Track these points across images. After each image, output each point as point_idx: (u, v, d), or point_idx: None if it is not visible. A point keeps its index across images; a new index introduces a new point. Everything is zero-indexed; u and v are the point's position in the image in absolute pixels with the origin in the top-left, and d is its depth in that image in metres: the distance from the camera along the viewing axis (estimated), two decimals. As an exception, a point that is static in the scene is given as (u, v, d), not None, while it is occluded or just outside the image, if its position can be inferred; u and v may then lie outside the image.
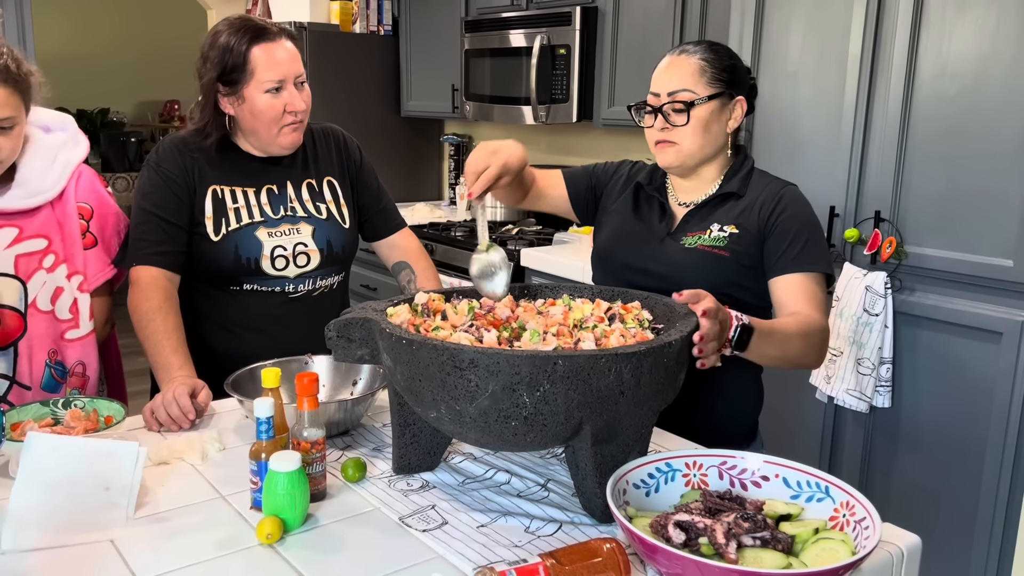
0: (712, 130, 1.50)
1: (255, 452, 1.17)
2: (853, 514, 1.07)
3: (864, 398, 2.25)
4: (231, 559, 1.06)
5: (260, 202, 1.73)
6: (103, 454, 1.13)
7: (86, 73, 6.89)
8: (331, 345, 1.25)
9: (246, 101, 1.66)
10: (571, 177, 1.72)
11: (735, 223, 1.51)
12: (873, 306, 2.21)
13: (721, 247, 1.49)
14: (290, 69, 1.66)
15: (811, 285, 1.45)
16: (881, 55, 2.21)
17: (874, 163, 2.25)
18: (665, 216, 1.59)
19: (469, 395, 1.08)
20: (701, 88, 1.48)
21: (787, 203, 1.50)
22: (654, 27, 3.05)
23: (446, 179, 4.66)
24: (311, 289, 1.76)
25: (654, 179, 1.64)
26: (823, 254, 1.48)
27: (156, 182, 1.69)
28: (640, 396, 1.12)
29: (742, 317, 1.27)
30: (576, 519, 1.17)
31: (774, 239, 1.48)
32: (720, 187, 1.55)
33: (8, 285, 1.52)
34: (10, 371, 1.53)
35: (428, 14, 4.14)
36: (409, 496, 1.24)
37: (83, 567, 1.03)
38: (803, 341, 1.38)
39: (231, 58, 1.63)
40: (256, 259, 1.69)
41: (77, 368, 1.62)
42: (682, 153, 1.51)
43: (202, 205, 1.69)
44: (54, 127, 1.62)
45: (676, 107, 1.48)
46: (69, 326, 1.60)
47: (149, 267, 1.64)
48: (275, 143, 1.71)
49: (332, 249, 1.78)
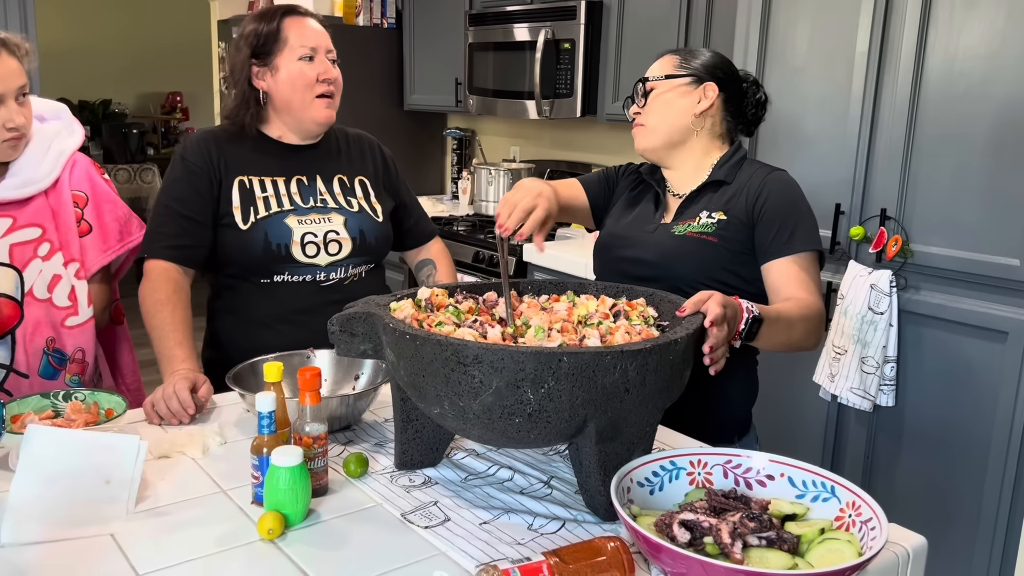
0: (674, 108, 1.55)
1: (256, 447, 1.16)
2: (859, 514, 1.06)
3: (868, 397, 2.24)
4: (232, 554, 1.05)
5: (289, 191, 1.72)
6: (104, 447, 1.13)
7: (89, 65, 6.87)
8: (334, 339, 1.24)
9: (280, 70, 1.68)
10: (588, 184, 1.73)
11: (723, 209, 1.53)
12: (878, 304, 2.20)
13: (709, 233, 1.51)
14: (321, 41, 1.70)
15: (803, 267, 1.48)
16: (889, 52, 2.19)
17: (880, 160, 2.23)
18: (659, 207, 1.62)
19: (473, 391, 1.07)
20: (660, 72, 1.58)
21: (773, 188, 1.52)
22: (659, 22, 3.03)
23: (448, 173, 4.64)
24: (343, 277, 1.75)
25: (655, 172, 1.68)
26: (812, 235, 1.50)
27: (179, 174, 1.69)
28: (645, 394, 1.11)
29: (752, 309, 1.27)
30: (579, 517, 1.16)
31: (763, 225, 1.50)
32: (710, 176, 1.58)
33: (3, 274, 1.52)
34: (7, 360, 1.53)
35: (432, 7, 4.12)
36: (411, 492, 1.23)
37: (83, 561, 1.02)
38: (804, 325, 1.41)
39: (264, 31, 1.68)
40: (286, 245, 1.68)
41: (77, 355, 1.62)
42: (646, 132, 1.58)
43: (229, 195, 1.68)
44: (49, 116, 1.63)
45: (640, 90, 1.59)
46: (68, 313, 1.60)
47: (160, 260, 1.65)
48: (308, 116, 1.71)
49: (365, 239, 1.77)
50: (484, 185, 3.80)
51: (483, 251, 3.39)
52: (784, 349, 1.42)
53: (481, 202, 3.83)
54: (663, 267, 1.52)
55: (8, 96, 1.47)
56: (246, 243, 1.67)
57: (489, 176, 3.78)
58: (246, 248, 1.67)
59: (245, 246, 1.67)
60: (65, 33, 6.64)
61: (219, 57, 4.64)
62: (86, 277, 1.62)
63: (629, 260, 1.59)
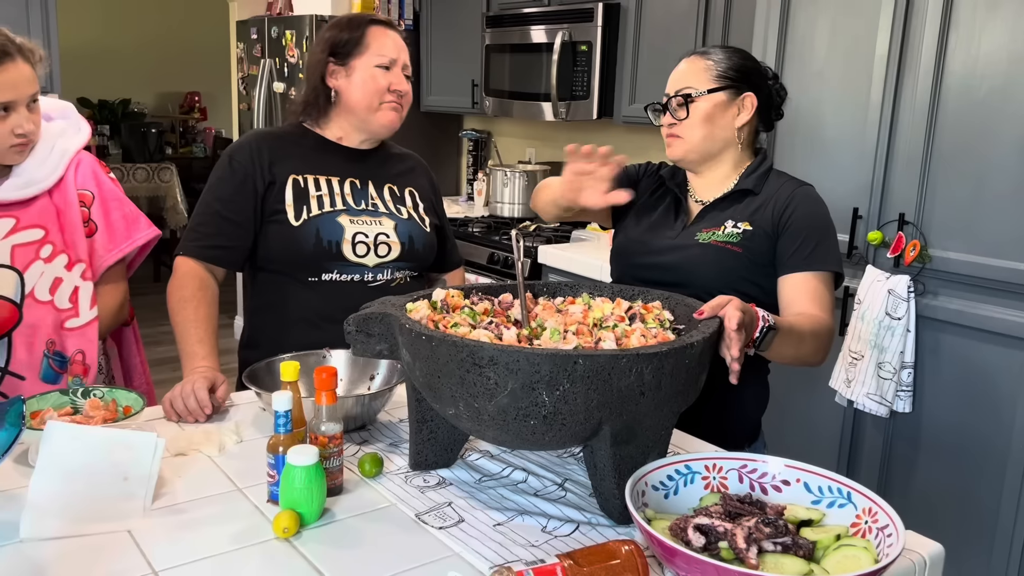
0: (716, 123, 1.54)
1: (273, 445, 1.16)
2: (876, 521, 1.05)
3: (884, 403, 2.23)
4: (248, 552, 1.06)
5: (343, 191, 1.74)
6: (122, 444, 1.14)
7: (108, 64, 6.93)
8: (350, 339, 1.25)
9: (355, 72, 1.71)
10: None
11: (749, 220, 1.53)
12: (896, 310, 2.18)
13: (734, 243, 1.51)
14: (401, 55, 1.74)
15: (819, 285, 1.48)
16: (908, 55, 2.17)
17: (899, 165, 2.22)
18: (680, 213, 1.62)
19: (488, 393, 1.08)
20: (702, 83, 1.54)
21: (800, 202, 1.52)
22: (677, 25, 3.03)
23: (464, 174, 4.65)
24: (389, 279, 1.75)
25: (676, 176, 1.67)
26: (833, 254, 1.51)
27: (224, 173, 1.71)
28: (661, 397, 1.11)
29: (768, 318, 1.27)
30: (593, 520, 1.16)
31: (786, 237, 1.50)
32: (737, 184, 1.57)
33: (3, 276, 1.51)
34: (3, 362, 1.52)
35: (449, 9, 4.13)
36: (426, 493, 1.23)
37: (101, 557, 1.03)
38: (814, 341, 1.41)
39: (348, 32, 1.72)
40: (337, 242, 1.69)
41: (77, 356, 1.61)
42: (686, 146, 1.56)
43: (282, 195, 1.70)
44: (55, 115, 1.63)
45: (678, 102, 1.55)
46: (69, 315, 1.59)
47: (190, 258, 1.67)
48: (373, 120, 1.73)
49: (414, 245, 1.78)
50: (500, 187, 3.80)
51: (498, 252, 3.39)
52: (790, 362, 1.42)
53: (496, 203, 3.84)
54: (685, 274, 1.52)
55: (19, 103, 1.47)
56: (298, 239, 1.68)
57: (505, 177, 3.78)
58: (297, 243, 1.68)
59: (296, 241, 1.68)
60: (86, 33, 6.71)
61: (237, 58, 4.67)
62: (94, 278, 1.62)
63: (650, 266, 1.58)
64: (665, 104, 1.57)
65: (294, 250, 1.68)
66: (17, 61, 1.45)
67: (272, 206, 1.70)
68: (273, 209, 1.69)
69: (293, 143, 1.76)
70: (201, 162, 6.86)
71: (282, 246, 1.69)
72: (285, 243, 1.69)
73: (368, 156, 1.80)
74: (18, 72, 1.45)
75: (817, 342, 1.42)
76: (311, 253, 1.68)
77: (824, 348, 1.45)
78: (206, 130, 7.16)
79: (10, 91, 1.43)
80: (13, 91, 1.44)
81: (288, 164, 1.72)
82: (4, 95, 1.43)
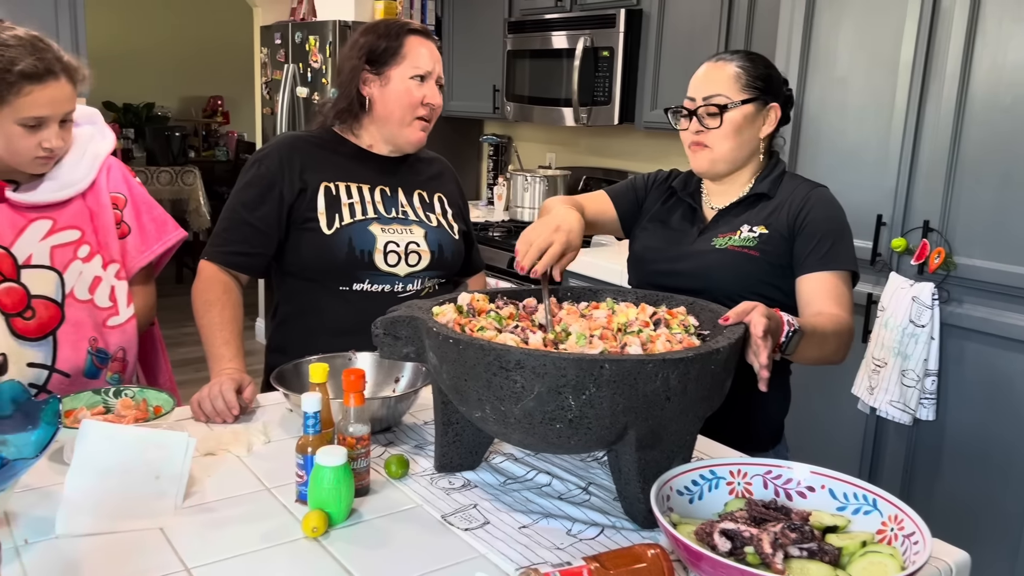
0: (744, 134, 1.54)
1: (301, 446, 1.18)
2: (902, 528, 1.05)
3: (908, 410, 2.22)
4: (277, 551, 1.07)
5: (374, 199, 1.75)
6: (154, 443, 1.16)
7: (134, 68, 7.01)
8: (377, 342, 1.26)
9: (390, 82, 1.71)
10: (616, 196, 1.72)
11: (765, 223, 1.53)
12: (919, 317, 2.17)
13: (751, 247, 1.52)
14: (436, 67, 1.75)
15: (838, 283, 1.48)
16: (934, 62, 2.17)
17: (924, 171, 2.21)
18: (696, 220, 1.62)
19: (515, 396, 1.09)
20: (735, 93, 1.52)
21: (816, 203, 1.52)
22: (699, 30, 3.03)
23: (484, 179, 4.67)
24: (418, 289, 1.77)
25: (688, 185, 1.67)
26: (850, 254, 1.51)
27: (251, 178, 1.72)
28: (686, 402, 1.11)
29: (793, 322, 1.27)
30: (618, 523, 1.17)
31: (803, 238, 1.50)
32: (751, 189, 1.58)
33: (44, 276, 1.55)
34: (49, 360, 1.56)
35: (471, 14, 4.15)
36: (451, 494, 1.24)
37: (134, 553, 1.05)
38: (836, 340, 1.41)
39: (386, 41, 1.71)
40: (370, 252, 1.70)
41: (118, 353, 1.65)
42: (714, 156, 1.55)
43: (314, 202, 1.70)
44: (82, 121, 1.65)
45: (710, 111, 1.52)
46: (109, 313, 1.63)
47: (214, 264, 1.69)
48: (401, 135, 1.75)
49: (443, 253, 1.79)
50: (520, 191, 3.82)
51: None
52: (814, 363, 1.42)
53: (517, 208, 3.85)
54: (703, 279, 1.52)
55: (52, 120, 1.47)
56: (330, 247, 1.69)
57: (525, 182, 3.79)
58: (330, 252, 1.69)
59: (329, 250, 1.69)
60: (112, 37, 6.79)
61: (261, 63, 4.72)
62: (127, 278, 1.66)
63: (668, 273, 1.58)
64: (693, 111, 1.55)
65: (327, 259, 1.69)
66: (60, 80, 1.46)
67: (303, 213, 1.70)
68: (304, 217, 1.70)
69: (324, 149, 1.77)
70: (223, 165, 6.93)
71: (314, 254, 1.70)
72: (318, 251, 1.70)
73: (397, 163, 1.81)
74: (59, 90, 1.47)
75: (839, 341, 1.42)
76: (344, 262, 1.69)
77: (846, 346, 1.45)
78: (228, 134, 7.23)
79: (47, 107, 1.45)
80: (49, 108, 1.46)
81: (320, 171, 1.73)
82: (40, 110, 1.44)
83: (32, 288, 1.53)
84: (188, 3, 7.20)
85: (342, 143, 1.79)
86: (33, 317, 1.53)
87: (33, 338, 1.53)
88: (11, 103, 1.42)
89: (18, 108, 1.42)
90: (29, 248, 1.53)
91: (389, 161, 1.80)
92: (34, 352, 1.54)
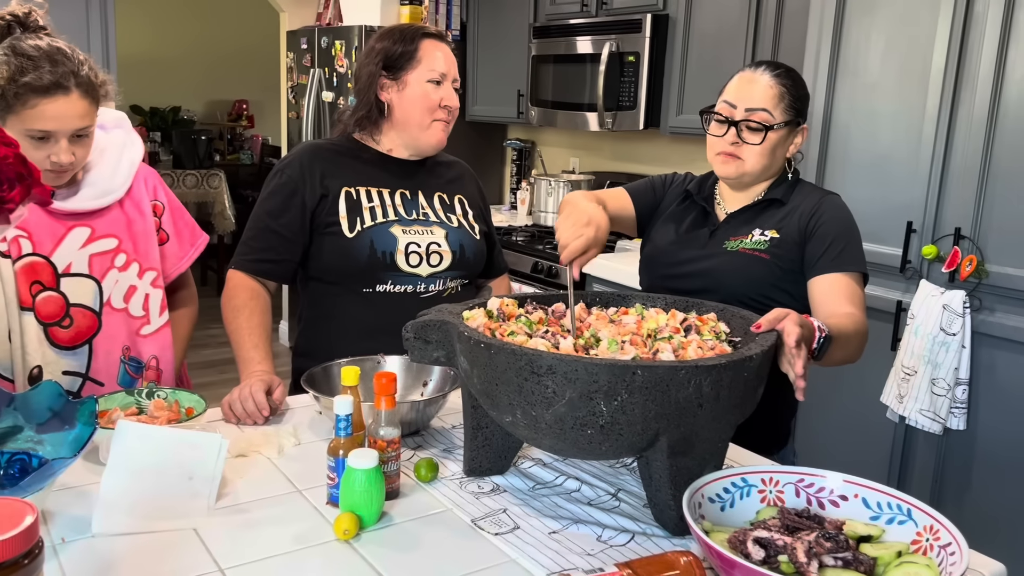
0: (776, 154, 1.57)
1: (333, 448, 1.19)
2: (937, 539, 1.04)
3: (938, 419, 2.19)
4: (309, 553, 1.08)
5: (394, 202, 1.77)
6: (188, 444, 1.17)
7: (161, 73, 7.10)
8: (408, 346, 1.27)
9: (407, 87, 1.73)
10: (636, 194, 1.73)
11: (776, 228, 1.55)
12: (950, 325, 2.15)
13: (762, 250, 1.54)
14: (451, 69, 1.76)
15: (851, 284, 1.50)
16: (966, 68, 2.14)
17: (955, 179, 2.19)
18: (708, 223, 1.64)
19: (546, 401, 1.09)
20: (779, 113, 1.53)
21: (827, 209, 1.55)
22: (726, 35, 3.02)
23: (508, 183, 4.68)
24: (441, 290, 1.78)
25: (703, 189, 1.69)
26: (861, 256, 1.54)
27: (274, 187, 1.75)
28: (719, 409, 1.11)
29: (824, 328, 1.26)
30: (648, 530, 1.16)
31: (814, 242, 1.52)
32: (765, 194, 1.60)
33: (83, 285, 1.55)
34: (83, 368, 1.57)
35: (496, 20, 4.16)
36: (480, 499, 1.24)
37: (169, 553, 1.06)
38: (858, 340, 1.42)
39: (401, 45, 1.73)
40: (391, 253, 1.72)
41: (151, 362, 1.66)
42: (744, 169, 1.56)
43: (335, 207, 1.72)
44: (110, 125, 1.64)
45: (752, 125, 1.52)
46: (142, 323, 1.64)
47: (241, 272, 1.71)
48: (422, 137, 1.76)
49: (464, 253, 1.80)
50: (543, 196, 3.82)
51: (542, 262, 3.41)
52: (837, 363, 1.43)
53: (540, 212, 3.85)
54: (714, 281, 1.54)
55: (59, 135, 1.43)
56: (352, 250, 1.70)
57: (549, 187, 3.79)
58: (352, 255, 1.71)
59: (351, 253, 1.71)
60: (138, 41, 6.87)
61: (287, 67, 4.76)
62: (164, 285, 1.67)
63: (679, 275, 1.60)
64: (733, 120, 1.53)
65: (349, 262, 1.71)
66: (71, 95, 1.42)
67: (325, 219, 1.72)
68: (326, 222, 1.72)
69: (344, 155, 1.79)
70: (248, 169, 6.98)
71: (337, 258, 1.72)
72: (340, 255, 1.71)
73: (417, 166, 1.83)
74: (68, 106, 1.42)
75: (860, 340, 1.43)
76: (366, 264, 1.71)
77: (863, 346, 1.46)
78: (253, 137, 7.29)
79: (52, 122, 1.42)
80: (54, 123, 1.42)
81: (340, 177, 1.75)
82: (46, 124, 1.41)
83: (71, 296, 1.54)
84: (215, 9, 7.28)
85: (362, 149, 1.80)
86: (71, 326, 1.54)
87: (69, 347, 1.55)
88: (18, 113, 1.40)
89: (24, 119, 1.41)
90: (69, 256, 1.53)
91: (409, 165, 1.81)
92: (69, 361, 1.55)
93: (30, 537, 0.76)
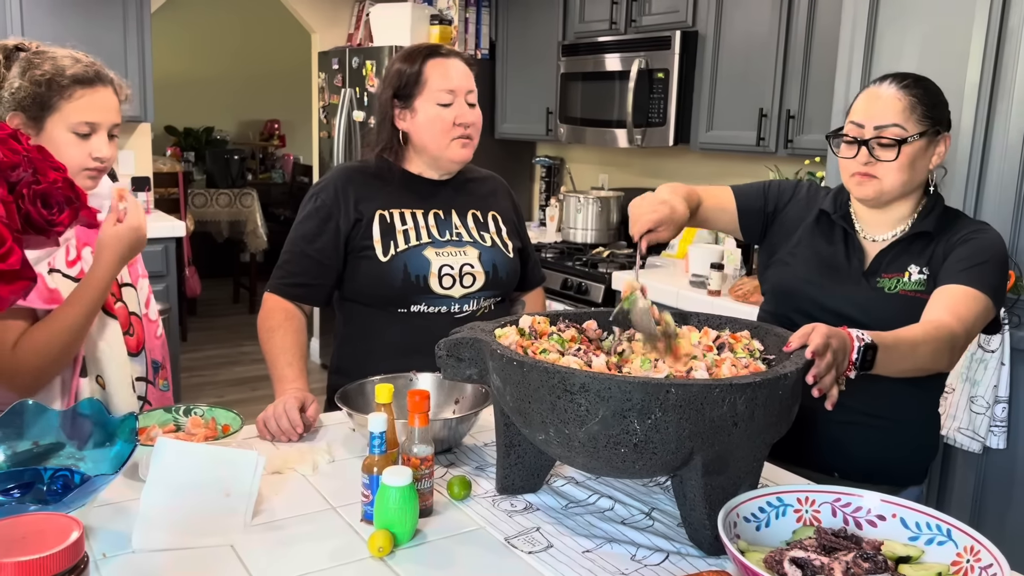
0: (916, 167, 1.47)
1: (368, 466, 1.20)
2: (979, 560, 1.03)
3: (977, 438, 2.15)
4: (344, 570, 1.08)
5: (428, 224, 1.78)
6: (225, 461, 1.19)
7: (194, 94, 7.24)
8: (440, 364, 1.28)
9: (418, 112, 1.74)
10: (742, 196, 1.67)
11: (928, 264, 1.48)
12: (989, 342, 2.11)
13: (922, 291, 1.46)
14: (461, 83, 1.74)
15: (966, 297, 1.38)
16: (1001, 82, 2.12)
17: (991, 194, 2.16)
18: (854, 252, 1.55)
19: (579, 419, 1.09)
20: (911, 125, 1.44)
21: (975, 232, 1.47)
22: (756, 51, 3.01)
23: (537, 200, 4.69)
24: (474, 310, 1.79)
25: (838, 206, 1.59)
26: (990, 281, 1.41)
27: (309, 212, 1.77)
28: (753, 428, 1.10)
29: (863, 336, 1.23)
30: (683, 550, 1.16)
31: (953, 255, 1.45)
32: (913, 226, 1.51)
33: (130, 293, 1.62)
34: (145, 372, 1.63)
35: (525, 37, 4.20)
36: (513, 517, 1.24)
37: (207, 569, 1.07)
38: (928, 347, 1.32)
39: (407, 72, 1.74)
40: (424, 276, 1.73)
41: (164, 363, 1.73)
42: (883, 188, 1.47)
43: (369, 231, 1.74)
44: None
45: (884, 142, 1.45)
46: (155, 326, 1.71)
47: (276, 295, 1.74)
48: (445, 156, 1.76)
49: (497, 273, 1.81)
50: (572, 212, 3.82)
51: (572, 279, 3.41)
52: (914, 373, 1.35)
53: (569, 229, 3.86)
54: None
55: (103, 127, 1.48)
56: (386, 274, 1.72)
57: (578, 204, 3.80)
58: (386, 279, 1.72)
59: (385, 277, 1.72)
60: (173, 63, 7.01)
61: (319, 87, 4.82)
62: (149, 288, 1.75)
63: (827, 311, 1.50)
64: (864, 140, 1.46)
65: (383, 285, 1.73)
66: (109, 88, 1.50)
67: (360, 242, 1.74)
68: (361, 245, 1.74)
69: (378, 179, 1.80)
70: (279, 188, 7.08)
71: (371, 281, 1.74)
72: (374, 279, 1.73)
73: (449, 184, 1.84)
74: (108, 98, 1.49)
75: (934, 347, 1.32)
76: (400, 288, 1.73)
77: (945, 352, 1.35)
78: (284, 157, 7.39)
79: (98, 113, 1.47)
80: (100, 113, 1.47)
81: (374, 200, 1.77)
82: (92, 115, 1.46)
83: (129, 305, 1.61)
84: (248, 31, 7.41)
85: (394, 171, 1.81)
86: (133, 333, 1.61)
87: (134, 353, 1.61)
88: (61, 109, 1.43)
89: (68, 114, 1.44)
90: None
91: (440, 184, 1.83)
92: (137, 367, 1.62)
93: (76, 552, 0.78)
